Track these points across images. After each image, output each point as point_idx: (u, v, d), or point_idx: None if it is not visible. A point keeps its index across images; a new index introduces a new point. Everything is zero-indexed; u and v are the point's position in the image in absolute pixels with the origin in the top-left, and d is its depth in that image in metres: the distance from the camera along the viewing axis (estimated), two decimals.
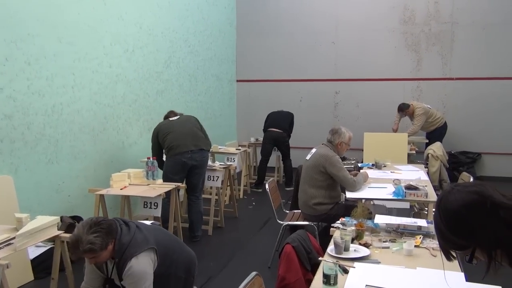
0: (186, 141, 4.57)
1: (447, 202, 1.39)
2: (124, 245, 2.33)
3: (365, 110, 8.23)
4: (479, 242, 1.34)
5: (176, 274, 2.57)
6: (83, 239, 2.22)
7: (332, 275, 1.94)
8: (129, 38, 5.25)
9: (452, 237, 1.38)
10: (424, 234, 2.65)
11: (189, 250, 2.81)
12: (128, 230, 2.41)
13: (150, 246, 2.40)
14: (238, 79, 8.89)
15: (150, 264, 2.38)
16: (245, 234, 5.06)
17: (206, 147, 4.72)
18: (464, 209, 1.34)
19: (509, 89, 7.53)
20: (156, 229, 2.66)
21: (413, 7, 7.87)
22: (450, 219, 1.37)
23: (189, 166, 4.58)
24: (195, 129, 4.73)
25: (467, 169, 7.46)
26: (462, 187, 1.41)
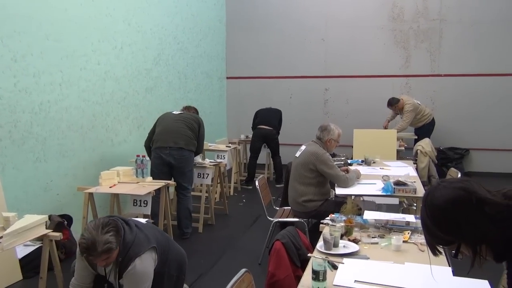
0: (168, 137, 4.57)
1: (433, 198, 1.41)
2: (128, 244, 2.33)
3: (355, 107, 8.27)
4: (464, 238, 1.36)
5: (169, 272, 2.57)
6: (98, 240, 2.19)
7: (321, 271, 1.95)
8: (118, 35, 5.21)
9: (438, 233, 1.40)
10: (412, 229, 2.67)
11: (179, 248, 2.81)
12: (130, 229, 2.40)
13: (152, 245, 2.41)
14: (228, 76, 8.88)
15: (152, 264, 2.40)
16: (236, 231, 5.07)
17: (186, 146, 4.65)
18: (450, 205, 1.36)
19: (497, 85, 7.62)
20: (152, 228, 2.67)
21: (401, 4, 7.92)
22: (436, 214, 1.39)
23: (167, 163, 4.56)
24: (184, 128, 4.70)
25: (455, 165, 7.54)
26: (448, 183, 1.43)
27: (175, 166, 4.61)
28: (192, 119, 4.82)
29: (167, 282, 2.58)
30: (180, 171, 4.66)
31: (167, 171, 4.61)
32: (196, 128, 4.80)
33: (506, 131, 7.56)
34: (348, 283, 2.02)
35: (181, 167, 4.63)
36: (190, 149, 4.71)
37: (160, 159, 4.52)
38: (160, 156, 4.53)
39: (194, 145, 4.76)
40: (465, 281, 2.03)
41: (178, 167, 4.62)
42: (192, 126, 4.77)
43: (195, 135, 4.78)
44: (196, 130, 4.80)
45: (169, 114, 4.86)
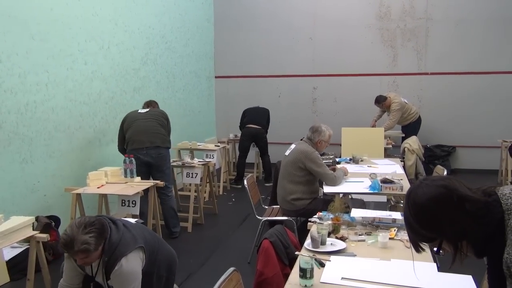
0: (143, 137, 4.55)
1: (415, 196, 1.43)
2: (114, 244, 2.31)
3: (343, 105, 8.33)
4: (446, 234, 1.39)
5: (158, 272, 2.57)
6: (77, 239, 2.18)
7: (308, 268, 1.97)
8: (105, 35, 5.18)
9: (420, 230, 1.42)
10: (399, 226, 2.70)
11: (169, 248, 2.80)
12: (116, 229, 2.38)
13: (139, 245, 2.39)
14: (217, 76, 8.87)
15: (139, 263, 2.38)
16: (225, 230, 5.07)
17: (163, 144, 4.65)
18: (431, 202, 1.39)
19: (482, 83, 7.73)
20: (141, 228, 2.65)
21: (388, 3, 7.98)
22: (419, 212, 1.41)
23: (145, 163, 4.53)
24: (157, 126, 4.69)
25: (442, 162, 7.63)
26: (430, 181, 1.45)
27: (154, 165, 4.59)
28: (160, 116, 4.81)
29: (157, 282, 2.57)
30: (159, 170, 4.63)
31: (145, 172, 4.57)
32: (166, 124, 4.80)
33: (491, 128, 7.67)
34: (335, 280, 2.04)
35: (159, 165, 4.62)
36: (167, 147, 4.72)
37: (138, 160, 4.43)
38: (138, 157, 4.45)
39: (169, 142, 4.77)
40: (450, 276, 2.07)
41: (157, 166, 4.60)
42: (163, 123, 4.77)
43: (167, 132, 4.79)
44: (166, 126, 4.81)
45: (135, 113, 4.76)
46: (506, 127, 7.38)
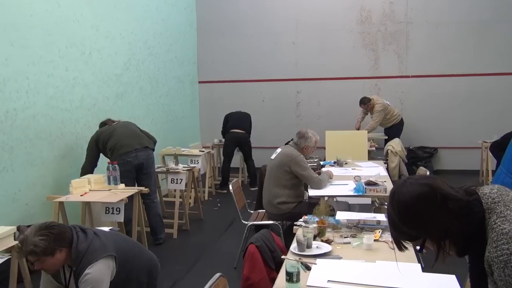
0: (130, 140, 4.51)
1: (400, 194, 1.44)
2: (81, 253, 2.27)
3: (326, 109, 8.39)
4: (429, 233, 1.40)
5: (138, 278, 2.54)
6: (28, 240, 2.16)
7: (294, 272, 1.97)
8: (86, 41, 5.13)
9: (404, 228, 1.43)
10: (383, 228, 2.73)
11: (149, 253, 2.78)
12: (85, 237, 2.33)
13: (109, 254, 2.34)
14: (200, 81, 8.85)
15: (108, 272, 2.32)
16: (211, 236, 5.05)
17: (150, 145, 4.67)
18: (415, 200, 1.40)
19: (461, 85, 7.87)
20: (114, 235, 2.60)
21: (369, 8, 8.09)
22: (402, 210, 1.43)
23: (135, 166, 4.48)
24: (137, 130, 4.72)
25: (424, 163, 7.74)
26: (414, 179, 1.47)
27: (144, 167, 4.55)
28: (134, 124, 4.84)
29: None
30: (147, 172, 4.60)
31: (133, 178, 4.52)
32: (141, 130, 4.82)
33: (471, 129, 7.81)
34: (322, 283, 2.05)
35: (148, 167, 4.60)
36: (153, 148, 4.74)
37: (127, 164, 4.37)
38: (127, 161, 4.39)
39: (153, 142, 4.78)
40: (434, 276, 2.09)
41: (146, 168, 4.57)
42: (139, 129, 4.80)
43: (147, 135, 4.80)
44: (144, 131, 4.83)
45: (109, 126, 4.65)
46: (485, 128, 7.51)
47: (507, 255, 1.25)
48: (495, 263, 1.28)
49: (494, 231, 1.32)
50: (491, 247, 1.30)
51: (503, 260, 1.26)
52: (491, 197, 1.39)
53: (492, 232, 1.32)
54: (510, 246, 1.26)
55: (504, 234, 1.29)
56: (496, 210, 1.35)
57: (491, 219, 1.35)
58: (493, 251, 1.29)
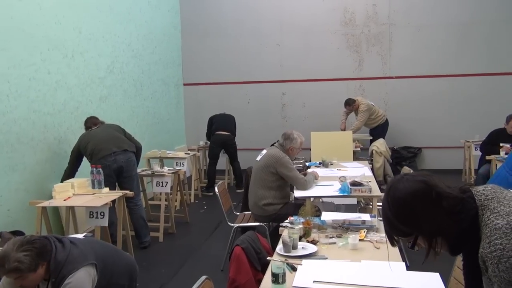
0: (108, 144, 4.46)
1: (396, 189, 1.44)
2: (60, 263, 2.20)
3: (312, 110, 8.43)
4: (421, 230, 1.41)
5: (118, 283, 2.51)
6: (10, 256, 2.05)
7: (280, 273, 1.97)
8: (68, 43, 5.07)
9: (397, 224, 1.44)
10: (368, 228, 2.75)
11: (127, 256, 2.76)
12: (62, 246, 2.27)
13: (89, 262, 2.29)
14: (185, 83, 8.82)
15: (89, 280, 2.26)
16: (197, 238, 5.03)
17: (130, 148, 4.60)
18: (410, 196, 1.40)
19: (444, 86, 7.99)
20: (91, 242, 2.54)
21: (353, 9, 8.16)
22: (397, 206, 1.43)
23: (114, 170, 4.42)
24: (117, 133, 4.65)
25: (409, 163, 7.83)
26: (411, 176, 1.48)
27: (124, 171, 4.49)
28: (116, 126, 4.79)
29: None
30: (128, 176, 4.54)
31: (112, 181, 4.45)
32: (123, 132, 4.77)
33: (453, 129, 7.92)
34: (307, 284, 2.05)
35: (129, 170, 4.53)
36: (133, 151, 4.66)
37: (106, 168, 4.31)
38: (106, 165, 4.34)
39: (134, 147, 4.72)
40: (418, 274, 2.11)
41: (126, 171, 4.50)
42: (120, 131, 4.74)
43: (129, 138, 4.76)
44: (126, 134, 4.78)
45: (88, 132, 4.64)
46: (468, 128, 7.63)
47: (501, 250, 1.25)
48: (489, 259, 1.27)
49: (487, 227, 1.32)
50: (485, 243, 1.30)
51: (497, 255, 1.25)
52: (485, 194, 1.39)
53: (486, 228, 1.32)
54: (504, 241, 1.26)
55: (497, 229, 1.28)
56: (489, 206, 1.36)
57: (485, 216, 1.35)
58: (487, 246, 1.29)
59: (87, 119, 4.83)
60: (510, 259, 1.23)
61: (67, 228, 4.38)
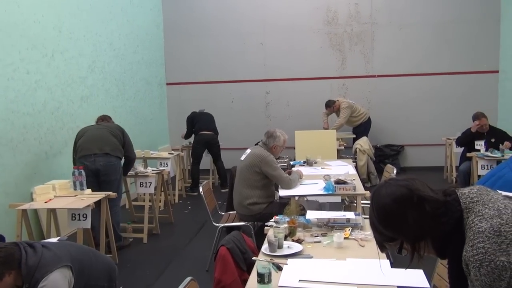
0: (91, 144, 4.41)
1: (379, 195, 1.44)
2: (33, 267, 2.15)
3: (296, 109, 8.45)
4: (403, 235, 1.40)
5: (97, 284, 2.47)
6: None
7: (265, 273, 1.96)
8: (48, 42, 4.97)
9: (381, 229, 1.43)
10: (353, 226, 2.76)
11: (105, 257, 2.73)
12: (34, 251, 2.22)
13: (64, 264, 2.24)
14: (168, 82, 8.75)
15: (64, 282, 2.22)
16: (182, 239, 4.99)
17: (113, 153, 4.47)
18: (392, 202, 1.40)
19: (425, 84, 8.09)
20: (66, 245, 2.50)
21: (335, 9, 8.20)
22: (381, 211, 1.43)
23: (92, 171, 4.34)
24: (108, 134, 4.54)
25: (392, 161, 7.92)
26: (394, 181, 1.48)
27: (102, 174, 4.40)
28: (114, 127, 4.69)
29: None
30: (106, 180, 4.43)
31: (94, 182, 4.37)
32: (120, 136, 4.64)
33: (435, 127, 8.03)
34: (293, 283, 2.05)
35: (107, 174, 4.42)
36: (117, 156, 4.53)
37: (87, 169, 4.25)
38: (85, 165, 4.28)
39: (121, 152, 4.60)
40: (402, 271, 2.13)
41: (104, 175, 4.41)
42: (116, 134, 4.62)
43: (120, 143, 4.62)
44: (121, 138, 4.65)
45: (87, 126, 4.68)
46: (448, 125, 7.75)
47: (483, 254, 1.24)
48: (471, 263, 1.26)
49: (471, 230, 1.31)
50: (468, 246, 1.29)
51: (479, 259, 1.24)
52: (470, 196, 1.38)
53: (470, 231, 1.31)
54: (486, 244, 1.24)
55: (481, 233, 1.27)
56: (474, 209, 1.35)
57: (469, 219, 1.34)
58: (470, 250, 1.28)
59: (100, 116, 4.93)
60: (491, 262, 1.22)
61: (48, 231, 4.29)
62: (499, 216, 1.30)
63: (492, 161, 5.41)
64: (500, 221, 1.28)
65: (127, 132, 4.80)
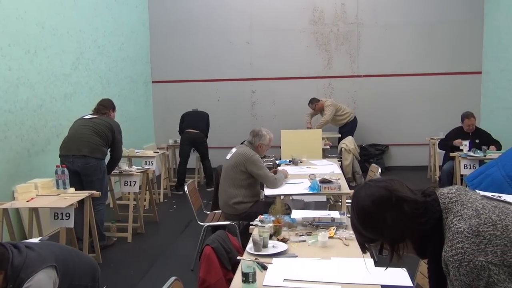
0: (71, 144, 4.37)
1: (358, 197, 1.46)
2: (18, 268, 2.12)
3: (281, 108, 8.46)
4: (383, 235, 1.42)
5: (80, 284, 2.45)
6: None
7: (250, 273, 1.96)
8: (30, 39, 4.89)
9: (361, 230, 1.45)
10: (338, 225, 2.78)
11: (87, 257, 2.71)
12: (18, 252, 2.19)
13: (49, 264, 2.22)
14: (154, 80, 8.68)
15: (49, 282, 2.20)
16: (167, 238, 4.96)
17: (91, 154, 4.37)
18: (372, 203, 1.41)
19: (410, 84, 8.18)
20: (48, 245, 2.47)
21: (322, 8, 8.23)
22: (360, 213, 1.44)
23: (73, 171, 4.29)
24: (91, 134, 4.43)
25: (376, 160, 7.98)
26: (374, 182, 1.49)
27: (82, 175, 4.36)
28: (103, 125, 4.54)
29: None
30: (87, 180, 4.39)
31: (76, 181, 4.32)
32: (107, 134, 4.52)
33: (419, 127, 8.12)
34: (278, 283, 2.05)
35: (87, 175, 4.37)
36: (96, 157, 4.41)
37: (67, 168, 4.19)
38: (65, 163, 4.25)
39: (102, 152, 4.48)
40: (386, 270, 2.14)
41: (84, 175, 4.36)
42: (102, 132, 4.49)
43: (104, 142, 4.50)
44: (108, 136, 4.53)
45: (80, 119, 4.63)
46: (433, 125, 7.84)
47: (462, 254, 1.25)
48: (450, 263, 1.28)
49: (450, 230, 1.32)
50: (447, 246, 1.31)
51: (458, 259, 1.25)
52: (449, 197, 1.40)
53: (449, 232, 1.33)
54: (465, 244, 1.26)
55: (459, 233, 1.29)
56: (453, 209, 1.36)
57: (448, 219, 1.35)
58: (449, 250, 1.29)
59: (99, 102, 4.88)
60: (470, 262, 1.24)
61: (30, 231, 4.22)
62: (477, 216, 1.31)
63: (474, 161, 5.49)
64: (478, 221, 1.30)
65: (121, 129, 4.72)
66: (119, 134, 4.69)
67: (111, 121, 4.71)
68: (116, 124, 4.73)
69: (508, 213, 1.33)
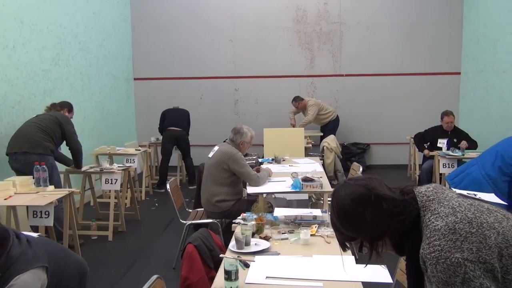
0: (14, 142, 4.32)
1: (338, 195, 1.47)
2: (12, 259, 2.08)
3: (264, 107, 8.47)
4: (362, 233, 1.43)
5: (68, 285, 2.41)
6: None
7: (233, 270, 1.96)
8: (8, 34, 4.78)
9: (341, 229, 1.46)
10: (319, 223, 2.80)
11: (77, 257, 2.66)
12: (19, 243, 2.15)
13: (41, 265, 2.17)
14: (136, 77, 8.59)
15: (37, 284, 2.14)
16: (148, 236, 4.93)
17: (31, 150, 4.27)
18: (351, 201, 1.43)
19: (391, 84, 8.28)
20: (44, 242, 2.43)
21: (305, 7, 8.27)
22: (340, 211, 1.45)
23: (16, 169, 4.26)
24: (35, 131, 4.35)
25: (358, 159, 8.07)
26: (353, 180, 1.50)
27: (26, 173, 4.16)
28: (48, 120, 4.47)
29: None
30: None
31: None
32: (52, 129, 4.43)
33: (399, 126, 8.23)
34: (260, 280, 2.06)
35: (28, 173, 4.17)
36: (38, 152, 4.30)
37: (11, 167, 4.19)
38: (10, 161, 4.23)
39: (45, 147, 4.37)
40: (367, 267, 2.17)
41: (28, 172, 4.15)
42: (47, 127, 4.41)
43: (49, 137, 4.41)
44: (53, 131, 4.43)
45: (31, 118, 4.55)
46: (413, 125, 7.92)
47: (439, 251, 1.28)
48: (428, 260, 1.30)
49: (427, 228, 1.35)
50: (425, 244, 1.33)
51: (435, 256, 1.28)
52: (426, 195, 1.42)
53: (426, 229, 1.35)
54: (442, 242, 1.28)
55: (437, 231, 1.31)
56: (430, 207, 1.39)
57: (426, 217, 1.38)
58: (426, 247, 1.31)
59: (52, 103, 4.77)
60: (447, 260, 1.26)
61: None
62: (454, 214, 1.34)
63: (453, 159, 5.60)
64: (455, 219, 1.33)
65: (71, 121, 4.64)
66: (68, 125, 4.59)
67: (57, 114, 4.63)
68: (64, 116, 4.65)
69: (483, 211, 1.36)
